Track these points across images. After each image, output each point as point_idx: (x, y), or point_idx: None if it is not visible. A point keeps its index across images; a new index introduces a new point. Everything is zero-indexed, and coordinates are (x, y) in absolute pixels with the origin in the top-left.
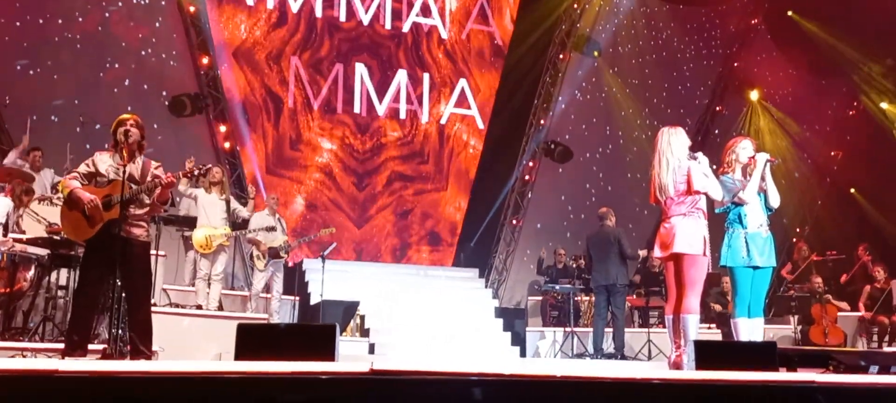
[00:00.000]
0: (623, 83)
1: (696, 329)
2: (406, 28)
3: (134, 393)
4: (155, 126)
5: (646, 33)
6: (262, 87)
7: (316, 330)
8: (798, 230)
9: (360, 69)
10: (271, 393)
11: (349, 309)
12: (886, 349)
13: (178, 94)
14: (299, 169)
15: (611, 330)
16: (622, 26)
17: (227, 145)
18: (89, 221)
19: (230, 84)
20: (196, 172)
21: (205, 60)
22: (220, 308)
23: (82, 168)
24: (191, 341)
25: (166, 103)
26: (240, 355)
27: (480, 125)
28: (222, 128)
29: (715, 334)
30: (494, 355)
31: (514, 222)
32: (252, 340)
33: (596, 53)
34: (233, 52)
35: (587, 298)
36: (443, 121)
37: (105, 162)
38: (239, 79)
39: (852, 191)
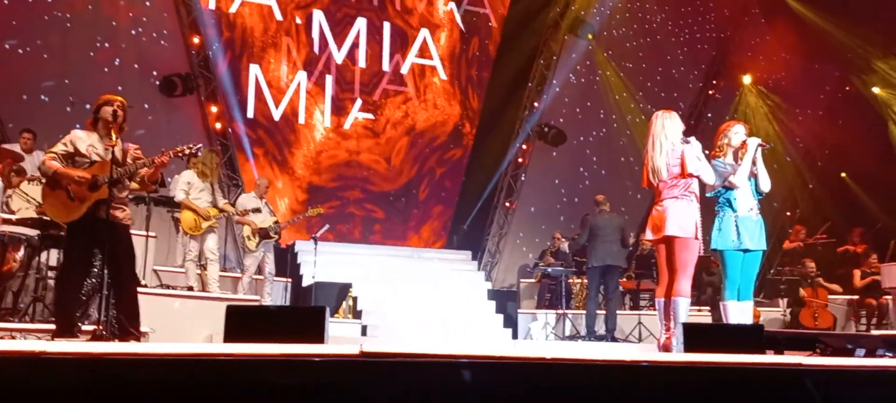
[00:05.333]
0: (617, 66)
1: (687, 312)
2: None
3: (122, 375)
4: (145, 106)
5: (639, 16)
6: (257, 60)
7: (306, 312)
8: (788, 214)
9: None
10: (260, 376)
11: (341, 290)
12: (874, 332)
13: (168, 74)
14: (291, 152)
15: (603, 312)
16: (616, 9)
17: (218, 126)
18: (75, 202)
19: (221, 60)
20: (187, 151)
21: (195, 40)
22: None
23: (59, 148)
24: (181, 322)
25: (157, 83)
26: (229, 337)
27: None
28: (213, 109)
29: (706, 317)
30: (487, 337)
31: (508, 205)
32: (241, 322)
33: (590, 36)
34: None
35: (579, 280)
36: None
37: (84, 141)
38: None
39: (843, 175)
